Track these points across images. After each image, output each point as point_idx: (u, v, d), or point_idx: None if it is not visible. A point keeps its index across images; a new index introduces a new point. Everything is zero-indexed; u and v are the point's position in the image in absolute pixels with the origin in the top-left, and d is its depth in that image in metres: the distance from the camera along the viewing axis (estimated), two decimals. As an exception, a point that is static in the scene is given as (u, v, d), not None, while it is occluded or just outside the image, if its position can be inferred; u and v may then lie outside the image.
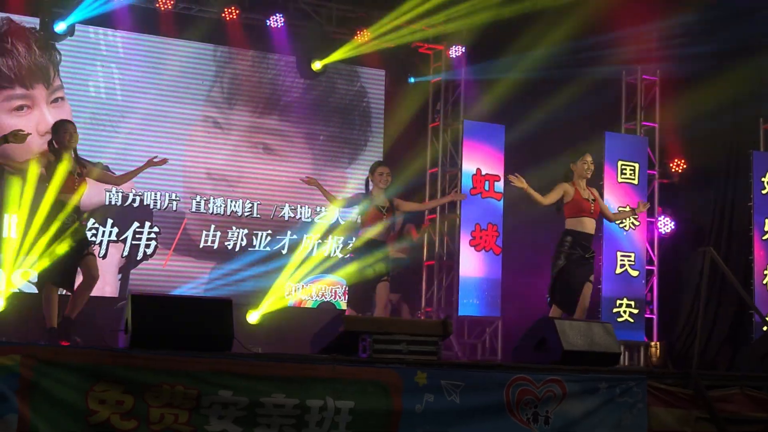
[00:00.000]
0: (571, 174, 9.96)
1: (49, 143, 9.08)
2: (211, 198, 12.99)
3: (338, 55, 13.27)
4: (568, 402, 6.93)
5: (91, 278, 9.04)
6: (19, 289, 11.59)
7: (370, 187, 10.30)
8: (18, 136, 8.63)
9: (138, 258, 12.57)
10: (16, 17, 12.05)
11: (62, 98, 12.32)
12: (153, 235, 12.60)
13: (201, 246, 12.93)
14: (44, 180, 8.98)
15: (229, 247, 13.09)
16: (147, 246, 12.59)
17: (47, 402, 5.44)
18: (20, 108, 12.01)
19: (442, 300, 13.64)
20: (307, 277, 13.23)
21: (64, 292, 9.06)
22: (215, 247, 13.00)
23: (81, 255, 9.02)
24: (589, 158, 9.93)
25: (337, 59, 13.33)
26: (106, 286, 12.09)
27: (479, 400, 6.63)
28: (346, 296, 10.74)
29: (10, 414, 5.34)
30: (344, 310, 10.86)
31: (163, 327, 6.14)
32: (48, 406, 5.44)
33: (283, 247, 13.36)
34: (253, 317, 12.62)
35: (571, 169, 9.96)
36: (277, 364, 6.17)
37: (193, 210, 12.92)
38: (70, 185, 9.00)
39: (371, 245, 10.16)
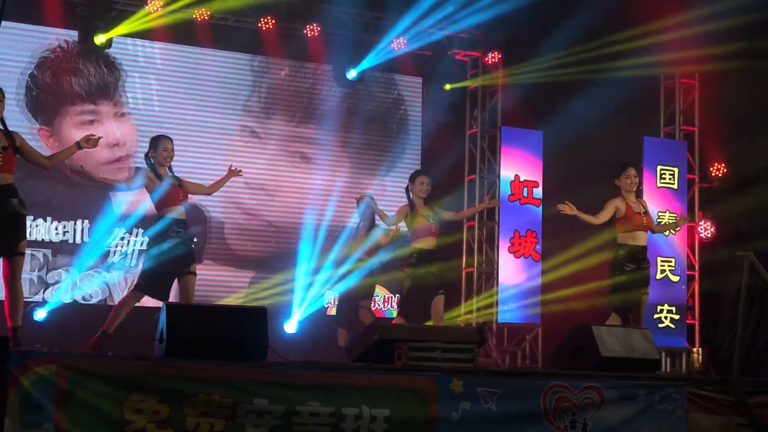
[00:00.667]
0: (618, 189, 9.92)
1: (146, 157, 9.32)
2: (250, 207, 13.02)
3: (370, 62, 13.26)
4: (607, 409, 6.88)
5: (186, 299, 9.16)
6: (60, 301, 11.73)
7: (411, 197, 10.30)
8: (90, 141, 8.76)
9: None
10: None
11: (128, 113, 12.60)
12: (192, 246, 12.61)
13: (240, 255, 12.96)
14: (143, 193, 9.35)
15: (268, 257, 13.11)
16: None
17: (83, 411, 5.47)
18: (90, 122, 12.30)
19: (481, 307, 13.58)
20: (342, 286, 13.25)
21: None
22: (254, 257, 13.02)
23: (182, 270, 9.13)
24: (632, 172, 9.85)
25: (370, 66, 13.32)
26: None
27: (516, 408, 6.60)
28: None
29: (47, 423, 5.38)
30: (390, 319, 10.86)
31: (197, 336, 6.17)
32: (84, 415, 5.47)
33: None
34: (290, 326, 12.62)
35: (617, 184, 9.91)
36: (313, 373, 6.17)
37: (232, 219, 12.97)
38: (174, 197, 9.18)
39: (424, 257, 10.17)
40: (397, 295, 11.64)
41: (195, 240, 9.87)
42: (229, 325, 6.33)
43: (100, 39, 12.00)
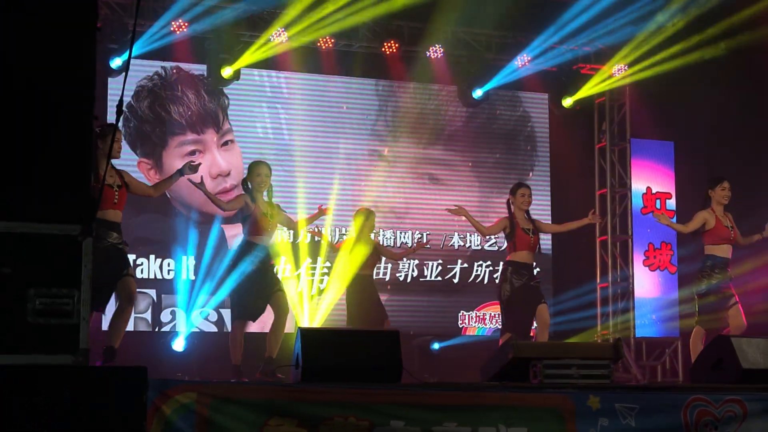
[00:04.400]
0: (709, 201, 10.05)
1: (243, 183, 9.54)
2: (381, 230, 13.08)
3: (496, 81, 13.24)
4: (751, 422, 6.70)
5: (279, 315, 9.34)
6: (198, 328, 11.95)
7: (512, 210, 10.31)
8: (192, 167, 9.01)
9: (312, 293, 12.75)
10: (184, 65, 12.43)
11: (232, 141, 12.63)
12: (326, 270, 12.74)
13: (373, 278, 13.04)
14: (235, 220, 9.54)
15: (401, 279, 13.17)
16: (320, 281, 12.76)
17: (224, 437, 5.58)
18: (192, 153, 12.30)
19: (618, 322, 13.40)
20: (476, 305, 13.24)
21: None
22: (387, 279, 13.08)
23: (271, 292, 9.32)
24: (726, 185, 10.06)
25: (495, 85, 13.30)
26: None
27: (656, 423, 6.47)
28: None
29: (190, 450, 5.50)
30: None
31: (332, 360, 6.23)
32: (225, 441, 5.58)
33: (454, 276, 13.37)
34: (434, 346, 12.67)
35: (709, 195, 9.97)
36: (449, 393, 6.17)
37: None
38: (263, 226, 9.35)
39: (520, 270, 10.16)
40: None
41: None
42: (362, 347, 6.39)
43: (227, 72, 12.18)
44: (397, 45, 12.82)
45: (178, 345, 11.52)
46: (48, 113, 4.18)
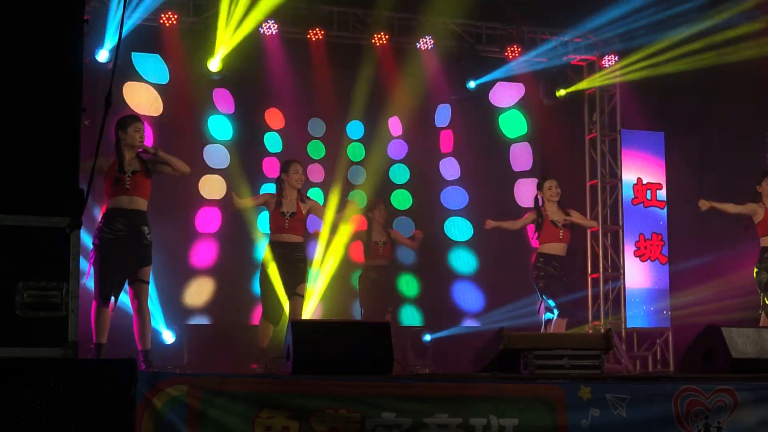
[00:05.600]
0: (759, 195, 10.31)
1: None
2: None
3: (487, 73, 13.22)
4: (741, 411, 6.72)
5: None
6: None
7: (540, 204, 10.44)
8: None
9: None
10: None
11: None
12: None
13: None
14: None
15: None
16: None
17: (215, 430, 5.57)
18: None
19: (609, 313, 13.40)
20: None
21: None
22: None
23: (291, 293, 9.54)
24: None
25: (487, 76, 13.27)
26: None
27: (647, 413, 6.50)
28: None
29: (180, 442, 5.50)
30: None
31: (323, 352, 6.24)
32: (216, 433, 5.59)
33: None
34: (425, 337, 12.70)
35: (758, 191, 10.29)
36: (440, 385, 6.19)
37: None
38: (281, 224, 9.57)
39: (549, 261, 10.29)
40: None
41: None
42: (353, 340, 6.40)
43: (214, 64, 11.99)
44: (387, 37, 12.77)
45: (168, 337, 11.51)
46: (36, 106, 4.17)
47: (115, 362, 4.20)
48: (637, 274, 13.13)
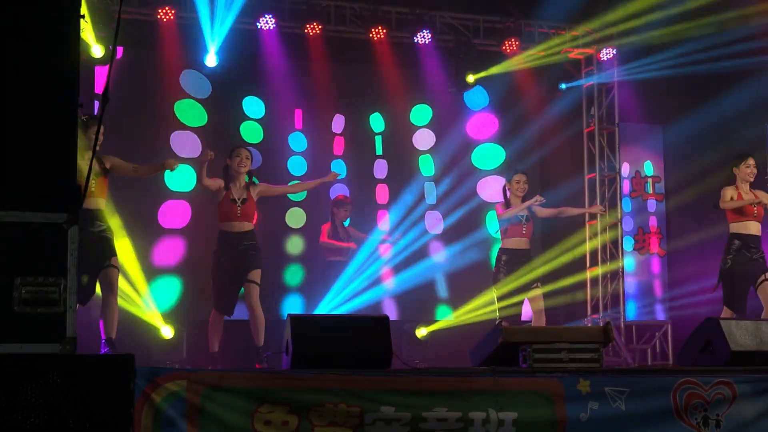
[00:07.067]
0: (734, 178, 10.06)
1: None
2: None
3: (485, 66, 13.19)
4: (740, 404, 6.73)
5: (250, 310, 9.51)
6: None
7: (508, 196, 10.47)
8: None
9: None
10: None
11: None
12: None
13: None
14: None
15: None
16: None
17: (214, 425, 5.56)
18: None
19: (608, 306, 13.40)
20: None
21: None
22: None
23: (240, 283, 9.51)
24: (752, 161, 10.03)
25: (486, 69, 13.26)
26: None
27: (646, 406, 6.50)
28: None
29: (179, 438, 5.50)
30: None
31: (322, 346, 6.24)
32: (215, 428, 5.56)
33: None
34: (421, 332, 12.69)
35: (734, 172, 9.99)
36: (439, 379, 6.18)
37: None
38: (233, 212, 9.56)
39: (513, 256, 10.33)
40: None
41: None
42: (352, 334, 6.40)
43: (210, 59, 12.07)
44: (384, 31, 12.75)
45: (167, 332, 11.50)
46: (33, 102, 4.16)
47: (112, 357, 4.20)
48: (636, 267, 13.14)
